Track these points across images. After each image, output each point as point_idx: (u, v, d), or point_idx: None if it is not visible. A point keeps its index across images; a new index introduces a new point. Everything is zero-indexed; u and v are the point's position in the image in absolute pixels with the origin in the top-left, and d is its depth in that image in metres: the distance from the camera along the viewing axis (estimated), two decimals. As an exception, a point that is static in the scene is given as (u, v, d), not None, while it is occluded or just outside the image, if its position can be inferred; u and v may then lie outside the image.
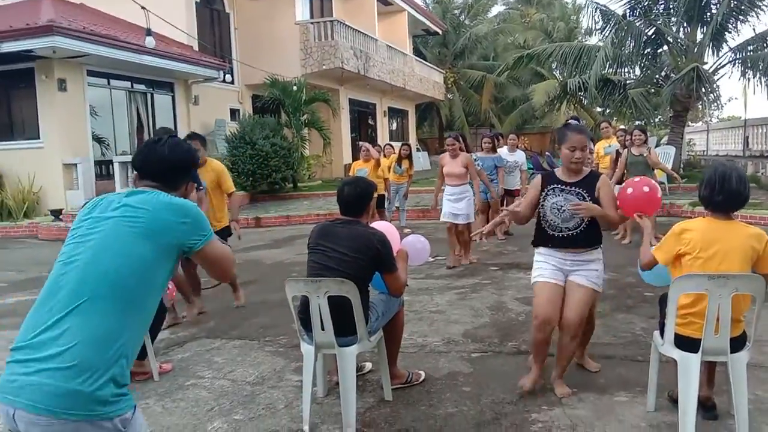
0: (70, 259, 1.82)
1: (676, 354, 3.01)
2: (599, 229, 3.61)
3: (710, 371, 3.30)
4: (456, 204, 7.36)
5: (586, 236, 3.56)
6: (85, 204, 2.03)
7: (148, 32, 13.75)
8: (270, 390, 3.92)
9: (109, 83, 15.08)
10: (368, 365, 4.18)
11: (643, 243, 3.26)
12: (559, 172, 3.67)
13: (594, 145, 9.94)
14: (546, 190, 3.62)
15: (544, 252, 3.65)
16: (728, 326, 2.86)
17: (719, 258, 2.89)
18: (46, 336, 1.68)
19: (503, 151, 9.59)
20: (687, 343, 2.98)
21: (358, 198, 3.52)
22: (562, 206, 3.52)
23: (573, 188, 3.55)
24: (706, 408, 3.27)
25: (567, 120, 3.97)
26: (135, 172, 2.11)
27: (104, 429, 1.66)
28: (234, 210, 5.99)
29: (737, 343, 2.97)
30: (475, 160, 9.37)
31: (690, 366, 2.96)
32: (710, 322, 2.86)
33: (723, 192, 2.93)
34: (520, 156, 9.66)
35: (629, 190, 3.56)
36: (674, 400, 3.25)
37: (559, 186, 3.59)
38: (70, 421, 1.62)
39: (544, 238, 3.66)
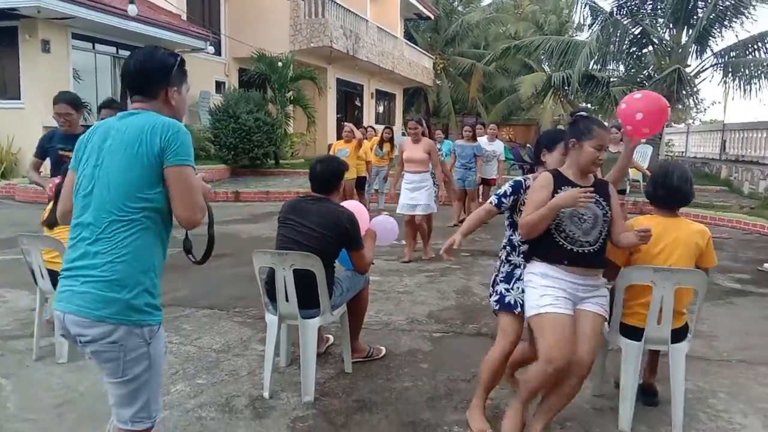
0: (86, 191, 2.04)
1: (621, 341, 3.18)
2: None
3: (653, 360, 3.49)
4: (413, 194, 6.87)
5: (601, 254, 2.93)
6: (86, 133, 2.17)
7: (131, 0, 13.61)
8: (234, 358, 4.04)
9: (94, 48, 14.90)
10: (330, 338, 4.31)
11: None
12: (569, 173, 2.94)
13: None
14: (560, 192, 2.87)
15: (553, 273, 2.87)
16: (670, 317, 3.03)
17: (666, 253, 3.06)
18: (86, 261, 1.98)
19: (483, 140, 9.76)
20: (631, 332, 3.14)
21: (329, 176, 3.63)
22: (583, 215, 2.86)
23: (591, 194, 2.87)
24: (648, 394, 3.46)
25: (576, 112, 3.48)
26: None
27: (134, 335, 1.98)
28: None
29: (679, 335, 3.14)
30: (453, 149, 9.58)
31: (632, 353, 3.13)
32: (653, 312, 3.02)
33: (664, 187, 3.11)
34: (498, 146, 9.84)
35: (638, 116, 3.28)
36: (619, 386, 3.42)
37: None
38: (107, 324, 1.94)
39: (556, 253, 2.87)
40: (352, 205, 4.00)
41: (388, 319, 4.91)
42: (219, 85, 18.61)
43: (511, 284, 3.16)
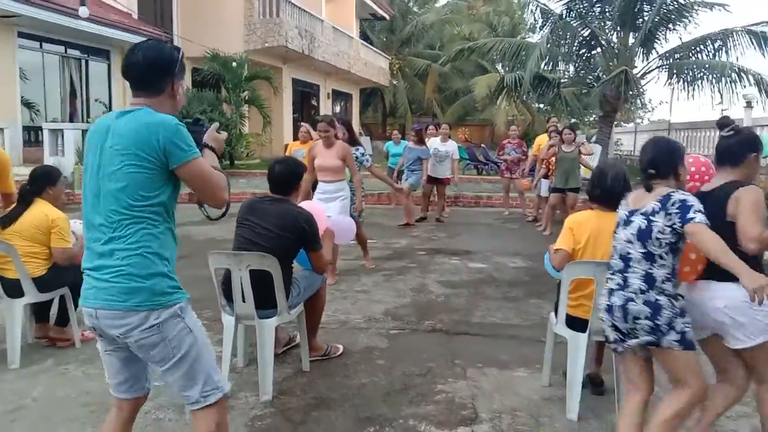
0: (93, 192, 2.10)
1: (567, 333, 3.33)
2: None
3: (599, 351, 3.65)
4: (327, 204, 5.72)
5: None
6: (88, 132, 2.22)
7: (82, 2, 13.32)
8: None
9: (41, 47, 14.51)
10: (297, 336, 4.34)
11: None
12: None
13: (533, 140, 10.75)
14: None
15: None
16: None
17: (605, 246, 3.20)
18: (104, 260, 2.06)
19: (436, 140, 9.93)
20: (577, 324, 3.29)
21: (288, 177, 3.68)
22: None
23: None
24: (595, 384, 3.62)
25: (724, 123, 2.84)
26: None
27: (167, 315, 2.08)
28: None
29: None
30: (404, 150, 9.93)
31: (578, 344, 3.28)
32: (597, 304, 3.17)
33: (599, 187, 3.28)
34: (451, 146, 10.05)
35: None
36: (566, 376, 3.57)
37: None
38: (139, 312, 2.04)
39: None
40: (311, 205, 4.06)
41: (345, 317, 4.97)
42: (172, 85, 18.33)
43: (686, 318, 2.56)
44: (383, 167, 10.75)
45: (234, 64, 16.38)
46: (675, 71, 14.67)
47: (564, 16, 14.94)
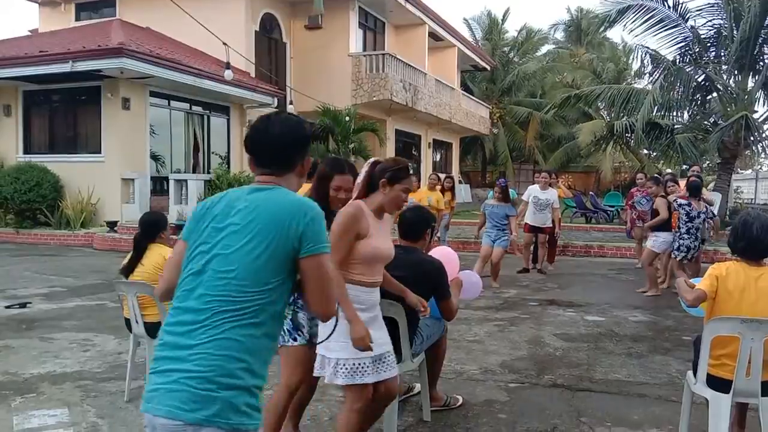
0: (196, 270, 1.81)
1: (708, 393, 3.14)
2: None
3: (741, 413, 3.41)
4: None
5: None
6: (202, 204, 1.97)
7: (228, 66, 14.62)
8: (315, 403, 4.11)
9: (169, 104, 15.81)
10: (417, 386, 4.35)
11: (681, 285, 3.37)
12: None
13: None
14: None
15: None
16: (759, 369, 2.99)
17: (751, 301, 3.03)
18: (182, 351, 1.72)
19: (535, 188, 9.63)
20: (719, 384, 3.10)
21: (417, 223, 3.77)
22: None
23: None
24: (738, 450, 3.37)
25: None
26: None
27: None
28: None
29: (769, 387, 3.08)
30: (483, 208, 9.17)
31: (720, 406, 3.08)
32: (742, 364, 2.99)
33: (744, 239, 3.11)
34: (552, 194, 9.60)
35: None
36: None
37: None
38: (202, 428, 1.67)
39: None
40: (444, 251, 4.10)
41: (461, 368, 4.93)
42: (284, 138, 19.27)
43: None
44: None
45: (347, 118, 17.00)
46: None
47: (677, 61, 14.52)
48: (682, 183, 9.37)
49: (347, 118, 17.00)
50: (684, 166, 18.54)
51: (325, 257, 1.83)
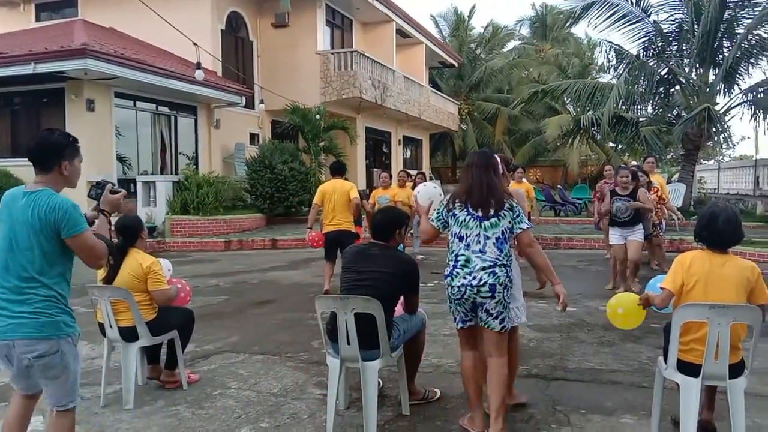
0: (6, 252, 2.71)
1: (679, 378, 3.23)
2: None
3: (710, 396, 3.51)
4: None
5: None
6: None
7: (198, 66, 14.43)
8: (293, 401, 4.15)
9: (135, 105, 15.53)
10: (380, 381, 4.38)
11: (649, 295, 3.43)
12: None
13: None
14: None
15: None
16: (727, 353, 3.08)
17: (717, 288, 3.13)
18: (17, 306, 2.68)
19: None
20: (689, 368, 3.20)
21: (390, 223, 3.83)
22: None
23: None
24: (707, 431, 3.47)
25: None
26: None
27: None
28: None
29: (736, 370, 3.18)
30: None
31: (691, 389, 3.17)
32: (710, 348, 3.08)
33: (708, 230, 3.21)
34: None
35: None
36: (676, 423, 3.45)
37: None
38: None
39: None
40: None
41: (438, 362, 4.98)
42: (253, 137, 19.14)
43: None
44: None
45: (317, 116, 16.94)
46: (760, 106, 14.21)
47: (640, 55, 14.80)
48: (656, 177, 9.51)
49: (317, 116, 16.95)
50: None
51: (82, 236, 2.73)
